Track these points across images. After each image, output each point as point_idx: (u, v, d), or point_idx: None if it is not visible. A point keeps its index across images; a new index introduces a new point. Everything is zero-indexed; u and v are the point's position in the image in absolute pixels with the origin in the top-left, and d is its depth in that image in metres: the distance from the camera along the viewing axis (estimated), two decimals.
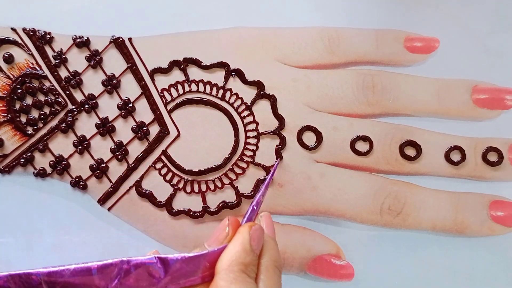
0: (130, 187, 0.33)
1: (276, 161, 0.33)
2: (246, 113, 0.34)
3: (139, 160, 0.33)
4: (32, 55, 0.33)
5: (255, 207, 0.28)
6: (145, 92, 0.34)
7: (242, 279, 0.23)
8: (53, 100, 0.33)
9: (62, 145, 0.33)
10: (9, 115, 0.33)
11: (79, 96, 0.33)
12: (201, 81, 0.34)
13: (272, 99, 0.33)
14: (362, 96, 0.34)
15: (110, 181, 0.33)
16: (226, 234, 0.26)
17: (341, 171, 0.34)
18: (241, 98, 0.33)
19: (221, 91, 0.34)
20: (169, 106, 0.34)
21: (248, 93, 0.34)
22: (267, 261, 0.25)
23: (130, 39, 0.34)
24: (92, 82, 0.34)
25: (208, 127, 0.33)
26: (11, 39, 0.33)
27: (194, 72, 0.34)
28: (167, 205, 0.33)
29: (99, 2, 0.34)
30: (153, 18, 0.34)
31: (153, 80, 0.34)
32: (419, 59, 0.34)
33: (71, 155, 0.33)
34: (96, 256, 0.34)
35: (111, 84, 0.33)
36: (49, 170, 0.33)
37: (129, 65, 0.33)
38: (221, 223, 0.27)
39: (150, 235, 0.34)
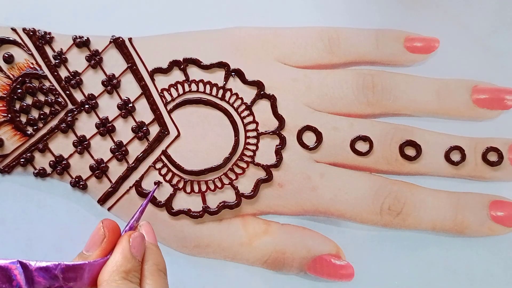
0: (130, 187, 0.33)
1: (154, 187, 0.33)
2: (246, 113, 0.34)
3: (139, 160, 0.33)
4: (32, 55, 0.33)
5: (137, 216, 0.29)
6: (145, 92, 0.34)
7: (124, 286, 0.24)
8: (53, 100, 0.33)
9: (62, 145, 0.33)
10: (9, 115, 0.33)
11: (79, 96, 0.33)
12: (201, 81, 0.34)
13: (272, 99, 0.33)
14: (362, 96, 0.34)
15: (110, 181, 0.33)
16: (102, 236, 0.26)
17: (341, 171, 0.34)
18: (241, 98, 0.33)
19: (221, 91, 0.34)
20: (169, 106, 0.34)
21: (248, 93, 0.34)
22: (150, 266, 0.26)
23: (130, 39, 0.34)
24: (92, 82, 0.34)
25: (208, 127, 0.33)
26: (11, 39, 0.33)
27: (194, 72, 0.34)
28: (167, 205, 0.33)
29: (99, 2, 0.34)
30: (153, 18, 0.34)
31: (153, 80, 0.34)
32: (419, 59, 0.34)
33: (71, 155, 0.33)
34: None
35: (111, 84, 0.33)
36: (49, 170, 0.33)
37: (129, 65, 0.33)
38: (96, 227, 0.27)
39: None
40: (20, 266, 0.24)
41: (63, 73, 0.33)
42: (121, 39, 0.33)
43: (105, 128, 0.33)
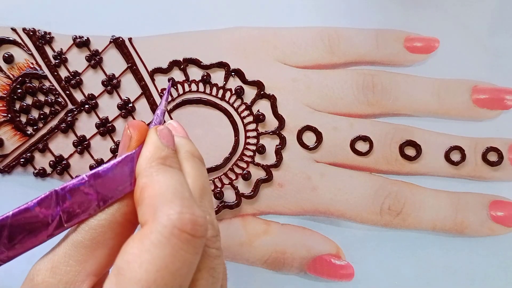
0: None
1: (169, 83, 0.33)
2: (246, 113, 0.34)
3: None
4: (32, 55, 0.33)
5: (159, 114, 0.27)
6: (145, 92, 0.34)
7: (164, 169, 0.22)
8: (53, 100, 0.33)
9: (62, 145, 0.33)
10: (9, 115, 0.33)
11: (79, 96, 0.33)
12: (201, 81, 0.34)
13: (272, 99, 0.33)
14: (362, 96, 0.34)
15: None
16: (128, 136, 0.24)
17: (341, 171, 0.34)
18: (241, 98, 0.33)
19: (221, 91, 0.34)
20: (169, 106, 0.34)
21: (248, 93, 0.34)
22: (184, 153, 0.25)
23: (130, 39, 0.34)
24: (92, 82, 0.34)
25: (208, 127, 0.33)
26: (11, 39, 0.33)
27: (194, 72, 0.34)
28: None
29: (99, 2, 0.34)
30: (153, 18, 0.34)
31: (153, 80, 0.34)
32: (419, 59, 0.34)
33: (71, 155, 0.33)
34: None
35: (111, 84, 0.33)
36: (49, 170, 0.33)
37: (129, 65, 0.33)
38: (123, 130, 0.25)
39: None
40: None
41: (63, 73, 0.33)
42: (121, 39, 0.33)
43: (105, 128, 0.33)
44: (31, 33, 0.33)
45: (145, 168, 0.23)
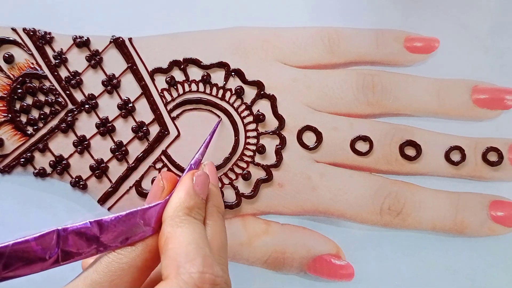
0: (130, 187, 0.33)
1: (218, 121, 0.33)
2: (246, 113, 0.34)
3: (139, 160, 0.33)
4: (32, 55, 0.33)
5: (193, 166, 0.28)
6: (145, 92, 0.34)
7: (188, 221, 0.24)
8: (53, 100, 0.33)
9: (62, 145, 0.33)
10: (9, 115, 0.33)
11: (79, 96, 0.34)
12: (201, 81, 0.34)
13: (272, 99, 0.33)
14: (362, 96, 0.34)
15: (110, 181, 0.33)
16: (161, 187, 0.26)
17: (341, 171, 0.34)
18: (241, 98, 0.33)
19: (221, 91, 0.34)
20: (169, 106, 0.34)
21: (248, 93, 0.34)
22: (211, 207, 0.26)
23: (130, 39, 0.34)
24: (92, 82, 0.34)
25: (208, 127, 0.33)
26: (11, 39, 0.33)
27: (194, 72, 0.34)
28: None
29: (99, 2, 0.34)
30: (153, 18, 0.34)
31: (153, 80, 0.34)
32: (419, 59, 0.34)
33: (71, 155, 0.33)
34: None
35: (111, 84, 0.33)
36: (49, 170, 0.33)
37: (129, 65, 0.33)
38: (155, 180, 0.26)
39: None
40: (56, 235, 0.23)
41: (63, 73, 0.33)
42: (121, 39, 0.33)
43: (105, 128, 0.33)
44: (31, 33, 0.33)
45: (171, 217, 0.24)
